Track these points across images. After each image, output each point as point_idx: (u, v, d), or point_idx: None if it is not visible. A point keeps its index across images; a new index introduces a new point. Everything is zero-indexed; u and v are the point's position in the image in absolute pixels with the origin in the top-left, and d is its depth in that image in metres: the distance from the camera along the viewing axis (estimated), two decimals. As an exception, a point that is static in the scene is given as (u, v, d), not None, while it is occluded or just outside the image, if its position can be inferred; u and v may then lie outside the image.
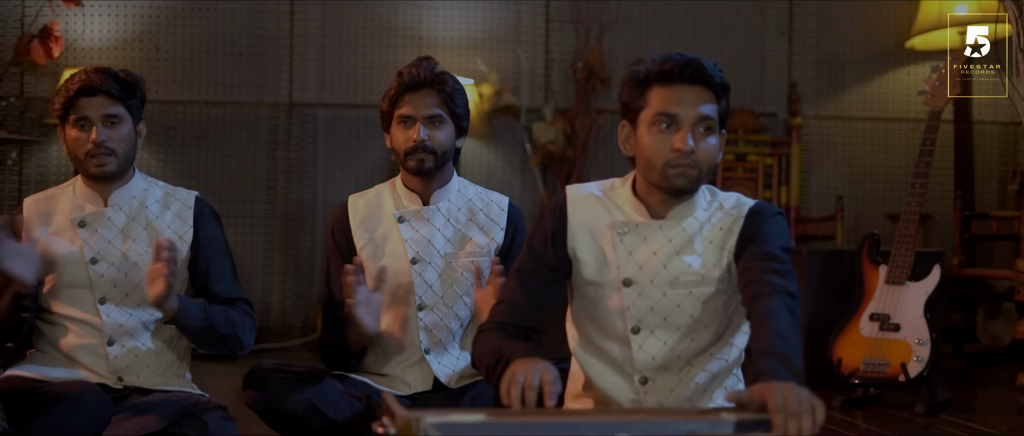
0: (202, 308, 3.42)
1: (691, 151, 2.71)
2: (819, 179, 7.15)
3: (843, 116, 7.18)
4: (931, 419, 4.50)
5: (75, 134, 3.47)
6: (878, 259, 4.82)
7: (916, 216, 4.77)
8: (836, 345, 4.77)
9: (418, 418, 2.17)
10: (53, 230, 3.51)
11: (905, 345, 4.63)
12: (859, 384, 4.73)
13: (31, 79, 6.64)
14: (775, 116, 7.08)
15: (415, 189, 3.64)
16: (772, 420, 2.18)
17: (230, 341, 3.49)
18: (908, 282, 4.72)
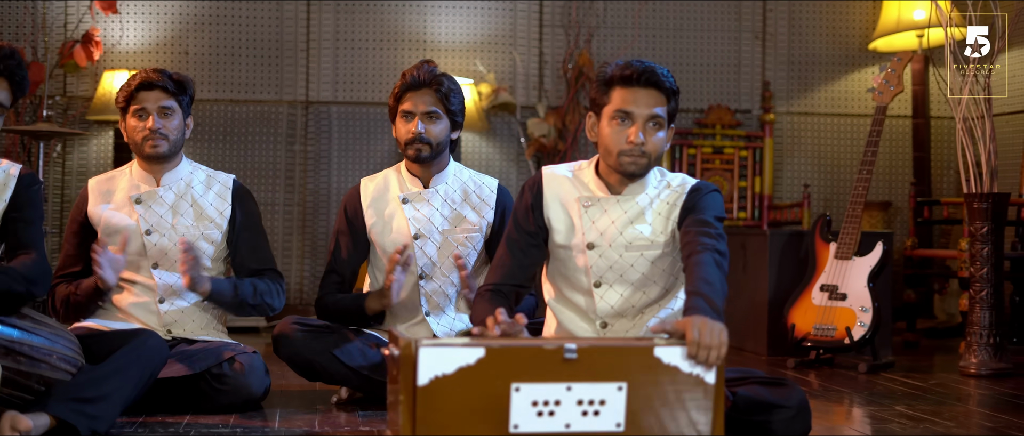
0: (232, 286, 4.03)
1: (642, 143, 3.31)
2: (790, 170, 7.47)
3: (812, 112, 7.49)
4: (872, 377, 5.06)
5: (134, 122, 4.08)
6: (829, 237, 5.41)
7: (862, 199, 5.34)
8: (790, 313, 5.35)
9: (417, 340, 2.79)
10: (113, 206, 4.13)
11: (850, 312, 5.22)
12: (811, 347, 5.31)
13: (73, 80, 7.00)
14: (750, 112, 7.40)
15: (416, 174, 4.23)
16: (688, 348, 2.81)
17: (260, 308, 4.11)
18: (854, 257, 5.30)
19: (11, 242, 3.63)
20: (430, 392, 2.78)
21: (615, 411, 2.85)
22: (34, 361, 3.29)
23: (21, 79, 3.56)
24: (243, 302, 4.04)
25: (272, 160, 7.19)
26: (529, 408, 2.82)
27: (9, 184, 3.66)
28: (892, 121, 7.44)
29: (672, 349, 2.85)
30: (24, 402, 3.25)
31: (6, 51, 3.51)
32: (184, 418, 3.74)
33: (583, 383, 2.84)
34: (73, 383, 3.33)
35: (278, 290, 4.19)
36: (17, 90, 3.57)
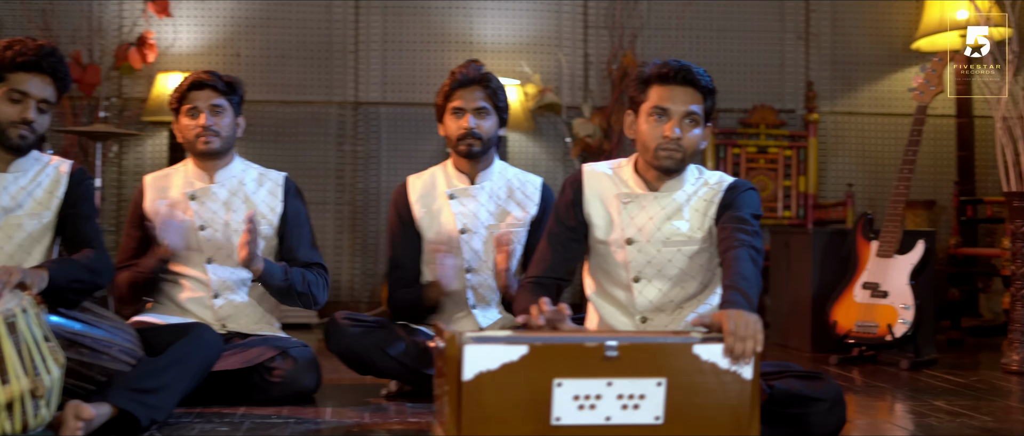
0: (284, 270, 4.16)
1: (678, 138, 3.40)
2: (834, 169, 7.51)
3: (856, 112, 7.53)
4: (915, 373, 5.11)
5: (187, 121, 4.22)
6: (871, 235, 5.47)
7: (903, 198, 5.40)
8: (833, 310, 5.41)
9: (461, 332, 2.90)
10: (169, 202, 4.26)
11: (892, 310, 5.27)
12: (853, 344, 5.37)
13: (128, 82, 7.16)
14: (794, 112, 7.45)
15: (463, 170, 4.34)
16: (724, 340, 2.90)
17: (306, 298, 4.22)
18: (896, 255, 5.36)
19: (70, 238, 3.75)
20: (475, 387, 2.88)
21: (654, 405, 2.93)
22: (96, 353, 3.41)
23: (64, 75, 3.69)
24: (291, 287, 4.16)
25: (322, 160, 7.31)
26: (570, 402, 2.91)
27: (61, 181, 3.78)
28: (936, 120, 7.47)
29: (710, 346, 2.94)
30: (86, 392, 3.38)
31: (47, 49, 3.64)
32: (239, 409, 3.85)
33: (623, 379, 2.93)
34: (133, 374, 3.44)
35: (324, 284, 4.31)
36: (61, 86, 3.70)
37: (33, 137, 3.68)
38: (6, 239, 3.63)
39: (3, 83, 3.62)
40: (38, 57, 3.62)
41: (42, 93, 3.65)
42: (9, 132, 3.64)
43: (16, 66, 3.61)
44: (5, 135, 3.65)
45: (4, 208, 3.68)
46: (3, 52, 3.62)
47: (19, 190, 3.72)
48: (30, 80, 3.63)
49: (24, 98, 3.63)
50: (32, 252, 3.68)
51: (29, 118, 3.64)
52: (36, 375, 3.05)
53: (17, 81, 3.62)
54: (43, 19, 7.03)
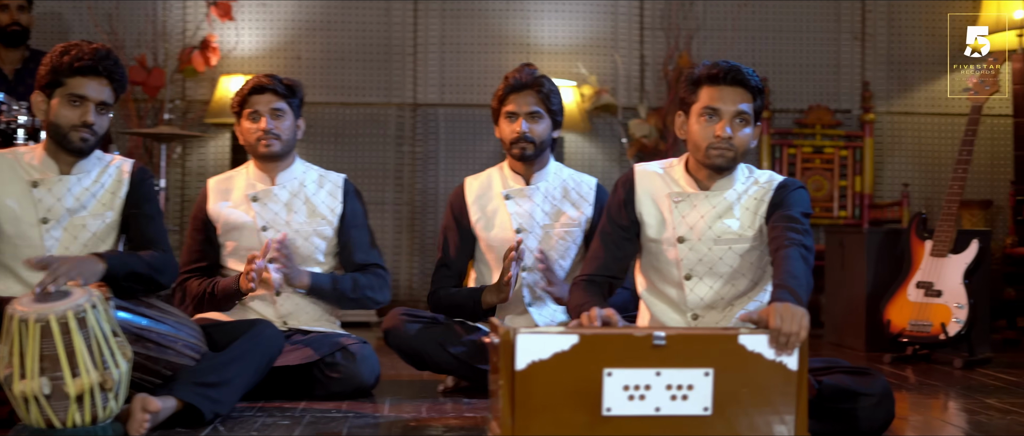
0: (331, 280, 4.26)
1: (729, 138, 3.47)
2: (890, 169, 7.51)
3: (912, 112, 7.52)
4: (968, 372, 5.14)
5: (248, 124, 4.33)
6: (925, 235, 5.49)
7: (958, 197, 5.42)
8: (887, 309, 5.45)
9: (515, 329, 2.98)
10: (231, 204, 4.37)
11: (946, 309, 5.30)
12: (907, 342, 5.40)
13: (192, 84, 7.30)
14: (850, 112, 7.45)
15: (519, 172, 4.42)
16: (771, 333, 2.96)
17: (361, 301, 4.33)
18: (950, 254, 5.38)
19: (135, 237, 3.82)
20: (527, 376, 2.97)
21: (703, 395, 3.01)
22: (161, 348, 3.52)
23: (120, 76, 3.76)
24: (342, 295, 4.26)
25: (381, 161, 7.42)
26: (621, 392, 2.99)
27: (124, 181, 3.86)
28: (994, 120, 7.47)
29: (756, 337, 3.01)
30: (152, 385, 3.48)
31: (102, 53, 3.72)
32: (300, 404, 3.96)
33: (672, 369, 3.00)
34: (197, 369, 3.55)
35: (382, 285, 4.40)
36: (118, 87, 3.77)
37: (94, 139, 3.76)
38: (71, 239, 3.73)
39: (62, 88, 3.70)
40: (94, 60, 3.69)
41: (100, 96, 3.72)
42: (71, 135, 3.72)
43: (74, 71, 3.68)
44: (67, 139, 3.73)
45: (69, 209, 3.76)
46: (60, 58, 3.70)
47: (82, 191, 3.80)
48: (88, 83, 3.69)
49: (83, 102, 3.70)
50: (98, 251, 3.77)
51: (89, 121, 3.71)
52: (105, 369, 3.16)
53: (75, 85, 3.69)
54: (109, 23, 7.18)
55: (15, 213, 3.74)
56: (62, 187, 3.76)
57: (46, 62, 3.72)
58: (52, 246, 3.73)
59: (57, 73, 3.69)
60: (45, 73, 3.72)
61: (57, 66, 3.69)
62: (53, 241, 3.73)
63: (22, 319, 3.12)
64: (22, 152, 3.83)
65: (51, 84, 3.71)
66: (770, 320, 2.97)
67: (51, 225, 3.73)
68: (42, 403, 3.11)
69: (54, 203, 3.75)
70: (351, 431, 3.49)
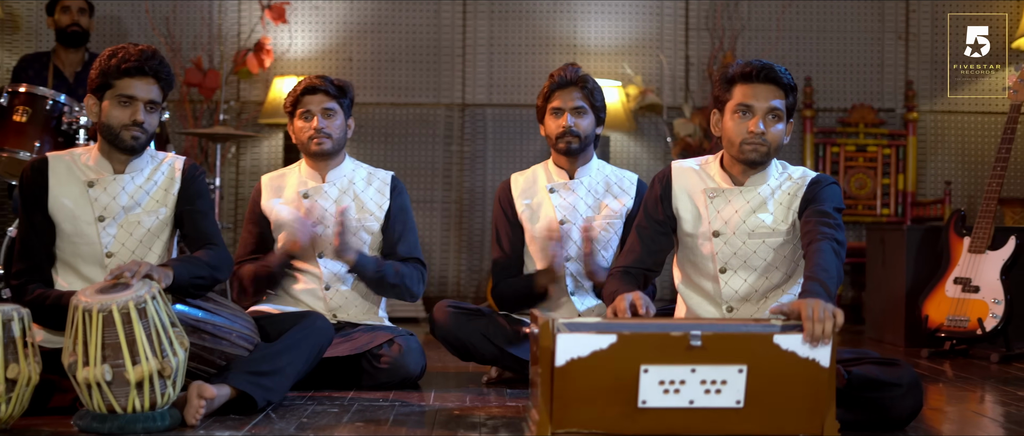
0: (376, 262, 4.40)
1: (762, 133, 3.58)
2: (933, 167, 7.55)
3: (955, 110, 7.56)
4: (1005, 366, 5.21)
5: (301, 124, 4.47)
6: (963, 231, 5.56)
7: (996, 194, 5.48)
8: (925, 304, 5.52)
9: (553, 318, 3.11)
10: (284, 200, 4.52)
11: (983, 304, 5.37)
12: (944, 337, 5.48)
13: (246, 85, 7.47)
14: (893, 111, 7.51)
15: (563, 166, 4.55)
16: (803, 325, 3.07)
17: (399, 289, 4.45)
18: (987, 251, 5.45)
19: (189, 233, 3.95)
20: (566, 373, 3.09)
21: (735, 390, 3.12)
22: (216, 339, 3.67)
23: (167, 75, 3.87)
24: (383, 277, 4.39)
25: (430, 160, 7.56)
26: (656, 386, 3.11)
27: (176, 178, 3.98)
28: (1035, 118, 7.49)
29: (790, 336, 3.11)
30: (207, 375, 3.63)
31: (148, 53, 3.83)
32: (348, 393, 4.10)
33: (706, 366, 3.11)
34: (250, 358, 3.70)
35: (420, 278, 4.54)
36: (165, 86, 3.88)
37: (144, 137, 3.87)
38: (127, 236, 3.87)
39: (111, 90, 3.81)
40: (140, 61, 3.80)
41: (148, 95, 3.83)
42: (122, 135, 3.83)
43: (121, 72, 3.79)
44: (119, 138, 3.84)
45: (124, 207, 3.88)
46: (108, 61, 3.82)
47: (136, 189, 3.92)
48: (136, 84, 3.80)
49: (132, 101, 3.81)
50: (152, 247, 3.90)
51: (139, 120, 3.82)
52: (163, 357, 3.31)
53: (124, 86, 3.80)
54: (166, 27, 7.36)
55: (73, 212, 3.87)
56: (116, 186, 3.89)
57: (95, 66, 3.85)
58: (108, 243, 3.86)
59: (106, 76, 3.81)
60: (95, 77, 3.85)
61: (105, 69, 3.82)
62: (109, 238, 3.86)
63: (86, 310, 3.27)
64: (79, 153, 3.96)
65: (101, 87, 3.83)
66: (802, 312, 3.08)
67: (107, 223, 3.86)
68: (104, 389, 3.26)
69: (109, 201, 3.88)
70: (397, 418, 3.62)
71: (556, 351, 3.08)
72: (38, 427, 3.38)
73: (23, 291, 3.78)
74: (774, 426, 3.14)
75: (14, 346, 3.29)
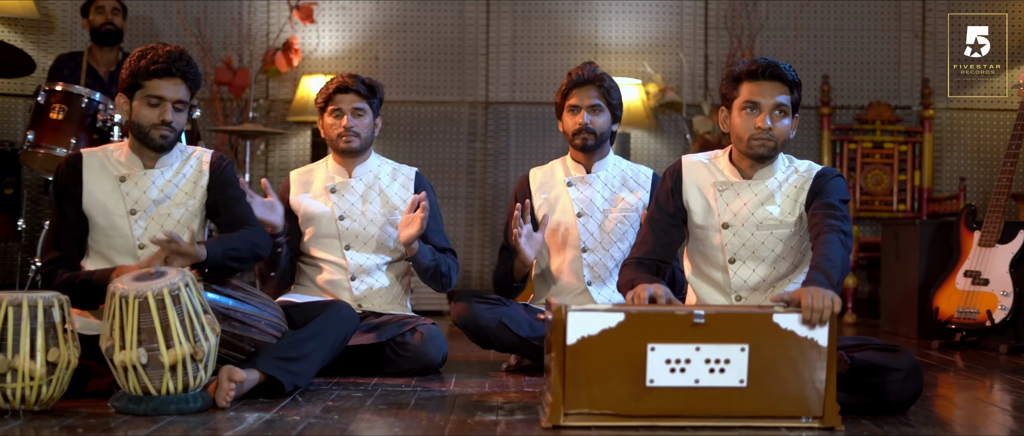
0: (432, 252, 4.57)
1: (769, 128, 3.72)
2: (949, 163, 7.66)
3: (971, 108, 7.66)
4: (1014, 357, 5.33)
5: (331, 121, 4.64)
6: (973, 226, 5.69)
7: (1006, 190, 5.60)
8: (936, 297, 5.66)
9: (566, 305, 3.26)
10: (311, 195, 4.69)
11: (992, 296, 5.50)
12: (954, 329, 5.61)
13: (275, 84, 7.64)
14: (909, 108, 7.62)
15: (580, 161, 4.71)
16: (802, 312, 3.22)
17: (444, 278, 4.63)
18: (997, 245, 5.58)
19: (225, 220, 4.10)
20: (577, 350, 3.26)
21: (739, 369, 3.27)
22: (246, 326, 3.83)
23: (194, 76, 4.02)
24: (437, 268, 4.58)
25: (455, 156, 7.71)
26: (663, 365, 3.27)
27: (204, 171, 4.13)
28: (1050, 115, 7.57)
29: (789, 316, 3.27)
30: (238, 360, 3.79)
31: (176, 54, 3.98)
32: (372, 380, 4.26)
33: (710, 344, 3.27)
34: (278, 345, 3.86)
35: (457, 268, 4.72)
36: (192, 86, 4.03)
37: (173, 135, 4.02)
38: (157, 227, 4.01)
39: (141, 90, 3.97)
40: (169, 62, 3.95)
41: (177, 95, 3.98)
42: (152, 133, 3.99)
43: (150, 74, 3.94)
44: (148, 137, 4.00)
45: (154, 200, 4.04)
46: (137, 62, 3.97)
47: (166, 183, 4.07)
48: (164, 84, 3.96)
49: (161, 102, 3.96)
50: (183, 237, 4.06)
51: (168, 119, 3.98)
52: (196, 341, 3.48)
53: (153, 87, 3.95)
54: (197, 27, 7.55)
55: (106, 206, 4.03)
56: (147, 180, 4.04)
57: (126, 67, 4.00)
58: (140, 234, 4.01)
59: (136, 76, 3.96)
60: (125, 77, 4.00)
61: (135, 70, 3.96)
62: (141, 230, 4.02)
63: (123, 296, 3.44)
64: (111, 149, 4.12)
65: (131, 87, 3.99)
66: (802, 300, 3.23)
67: (139, 216, 4.01)
68: (140, 372, 3.43)
69: (140, 196, 4.03)
70: (418, 402, 3.78)
71: (568, 330, 3.24)
72: (77, 408, 3.55)
73: (52, 276, 3.96)
74: (777, 407, 3.29)
75: (54, 331, 3.47)
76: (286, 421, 3.38)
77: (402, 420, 3.47)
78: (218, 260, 3.81)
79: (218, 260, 3.81)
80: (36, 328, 3.43)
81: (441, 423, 3.40)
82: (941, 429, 3.44)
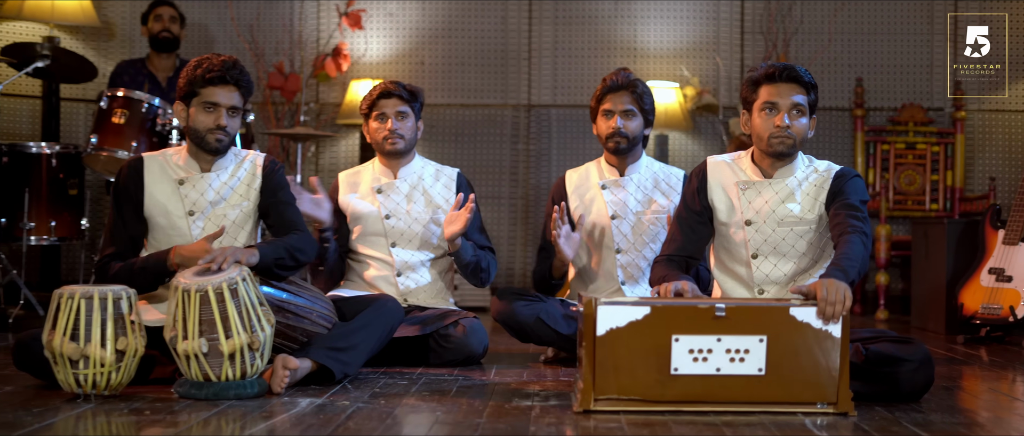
0: (473, 248, 4.81)
1: (787, 126, 3.94)
2: (981, 164, 7.77)
3: (1003, 109, 7.78)
4: (1036, 352, 5.55)
5: (376, 125, 4.89)
6: (998, 224, 5.87)
7: (1029, 189, 5.79)
8: (961, 294, 5.84)
9: (596, 298, 3.50)
10: (359, 195, 4.94)
11: (1015, 293, 5.67)
12: (979, 324, 5.79)
13: (325, 88, 7.88)
14: (942, 110, 7.76)
15: (614, 164, 4.93)
16: (817, 304, 3.45)
17: (483, 273, 4.86)
18: (1020, 243, 5.75)
19: (275, 222, 4.33)
20: (606, 340, 3.50)
21: (757, 358, 3.50)
22: (299, 317, 4.09)
23: (247, 83, 4.26)
24: (478, 265, 4.83)
25: (498, 158, 7.94)
26: (686, 355, 3.50)
27: (257, 174, 4.37)
28: (1079, 115, 7.72)
29: (805, 309, 3.50)
30: (291, 350, 4.04)
31: (229, 63, 4.23)
32: (416, 369, 4.51)
33: (731, 336, 3.51)
34: (329, 335, 4.12)
35: (494, 264, 4.96)
36: (245, 92, 4.28)
37: (228, 139, 4.27)
38: (214, 227, 4.25)
39: (197, 97, 4.22)
40: (223, 71, 4.20)
41: (230, 101, 4.23)
42: (207, 138, 4.23)
43: (206, 81, 4.20)
44: (204, 141, 4.25)
45: (211, 202, 4.28)
46: (194, 71, 4.22)
47: (222, 185, 4.31)
48: (219, 91, 4.20)
49: (216, 108, 4.21)
50: (238, 237, 4.30)
51: (222, 124, 4.22)
52: (253, 332, 3.74)
53: (208, 94, 4.20)
54: (250, 34, 7.82)
55: (165, 207, 4.28)
56: (204, 183, 4.28)
57: (183, 75, 4.25)
58: (198, 234, 4.25)
59: (192, 84, 4.22)
60: (182, 85, 4.25)
61: (192, 78, 4.22)
62: (199, 230, 4.26)
63: (185, 290, 3.72)
64: (170, 153, 4.37)
65: (188, 95, 4.24)
66: (817, 293, 3.46)
67: (196, 216, 4.26)
68: (201, 360, 3.70)
69: (198, 197, 4.28)
70: (459, 389, 4.03)
71: (597, 322, 3.49)
72: (143, 394, 3.83)
73: (106, 269, 4.20)
74: (793, 394, 3.52)
75: (122, 321, 3.74)
76: (336, 405, 3.64)
77: (444, 405, 3.72)
78: (266, 268, 4.05)
79: (266, 268, 4.05)
80: (106, 319, 3.71)
81: (480, 407, 3.65)
82: (950, 415, 3.62)
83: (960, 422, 3.52)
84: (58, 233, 6.34)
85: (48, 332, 3.72)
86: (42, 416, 3.45)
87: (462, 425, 3.41)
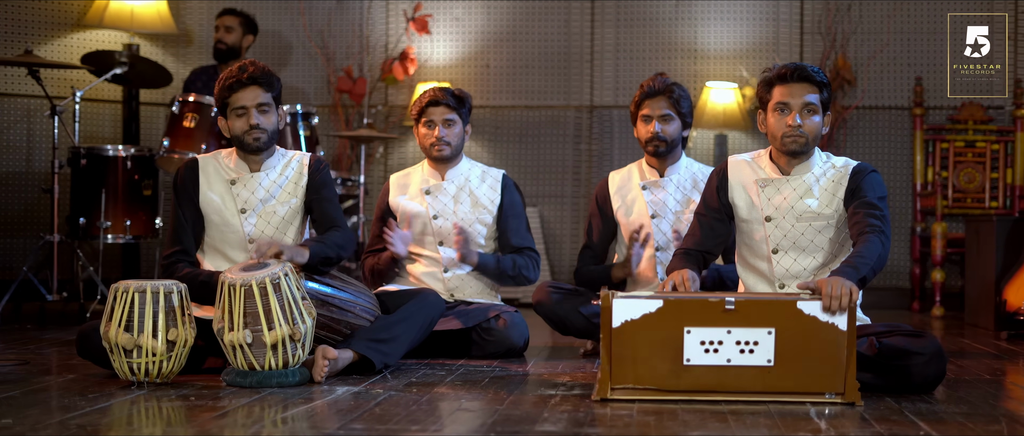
0: (495, 259, 5.00)
1: (799, 125, 4.08)
2: (1042, 161, 7.79)
3: (1063, 106, 7.79)
4: (1079, 346, 5.61)
5: (424, 131, 5.10)
6: (1043, 221, 5.95)
7: (1074, 186, 5.86)
8: (1005, 290, 5.92)
9: (613, 292, 3.69)
10: (408, 196, 5.16)
11: (1058, 289, 5.76)
12: (1022, 320, 5.86)
13: (393, 91, 8.13)
14: (1002, 108, 7.79)
15: (654, 166, 5.10)
16: (822, 300, 3.60)
17: (518, 278, 5.05)
18: (1065, 239, 5.84)
19: (318, 218, 4.56)
20: (622, 332, 3.69)
21: (766, 350, 3.66)
22: (343, 311, 4.32)
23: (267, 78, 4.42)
24: (503, 272, 5.01)
25: (561, 158, 8.13)
26: (698, 346, 3.68)
27: (304, 172, 4.59)
28: None
29: (811, 303, 3.65)
30: (335, 341, 4.27)
31: (246, 66, 4.42)
32: (459, 361, 4.73)
33: (740, 328, 3.67)
34: (371, 328, 4.34)
35: (534, 265, 5.13)
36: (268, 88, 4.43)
37: (265, 136, 4.48)
38: (265, 224, 4.51)
39: (227, 107, 4.47)
40: (239, 74, 4.42)
41: (256, 99, 4.44)
42: (245, 139, 4.47)
43: (229, 89, 4.45)
44: (244, 143, 4.48)
45: (261, 200, 4.52)
46: (219, 86, 4.48)
47: (271, 183, 4.55)
48: (242, 95, 4.43)
49: (245, 110, 4.44)
50: (287, 232, 4.54)
51: (254, 123, 4.44)
52: (294, 324, 3.98)
53: (235, 100, 4.44)
54: (321, 39, 8.10)
55: (219, 206, 4.53)
56: (254, 182, 4.53)
57: (214, 93, 4.52)
58: (250, 231, 4.50)
59: (221, 97, 4.48)
60: (216, 100, 4.53)
61: (220, 92, 4.48)
62: (250, 226, 4.51)
63: (231, 284, 3.97)
64: (223, 155, 4.63)
65: (222, 108, 4.50)
66: (822, 288, 3.61)
67: (248, 214, 4.51)
68: (246, 350, 3.95)
69: (249, 196, 4.52)
70: (492, 380, 4.22)
71: (613, 314, 3.68)
72: (192, 381, 4.10)
73: (173, 269, 4.46)
74: (802, 384, 3.67)
75: (174, 314, 4.00)
76: (370, 393, 3.86)
77: (471, 393, 3.93)
78: (313, 265, 4.29)
79: (313, 265, 4.29)
80: (157, 311, 3.97)
81: (504, 396, 3.85)
82: (958, 406, 3.74)
83: (962, 411, 3.64)
84: (133, 231, 6.65)
85: (105, 323, 3.99)
86: (96, 401, 3.70)
87: (481, 412, 3.61)
